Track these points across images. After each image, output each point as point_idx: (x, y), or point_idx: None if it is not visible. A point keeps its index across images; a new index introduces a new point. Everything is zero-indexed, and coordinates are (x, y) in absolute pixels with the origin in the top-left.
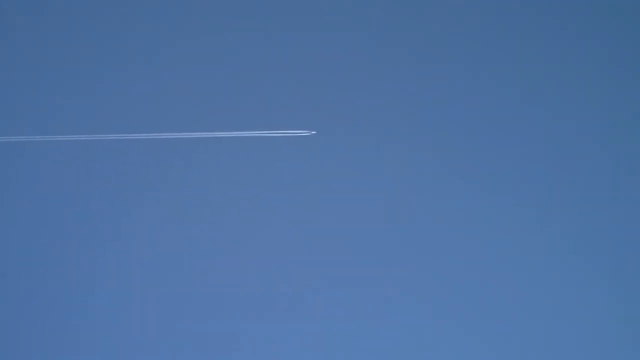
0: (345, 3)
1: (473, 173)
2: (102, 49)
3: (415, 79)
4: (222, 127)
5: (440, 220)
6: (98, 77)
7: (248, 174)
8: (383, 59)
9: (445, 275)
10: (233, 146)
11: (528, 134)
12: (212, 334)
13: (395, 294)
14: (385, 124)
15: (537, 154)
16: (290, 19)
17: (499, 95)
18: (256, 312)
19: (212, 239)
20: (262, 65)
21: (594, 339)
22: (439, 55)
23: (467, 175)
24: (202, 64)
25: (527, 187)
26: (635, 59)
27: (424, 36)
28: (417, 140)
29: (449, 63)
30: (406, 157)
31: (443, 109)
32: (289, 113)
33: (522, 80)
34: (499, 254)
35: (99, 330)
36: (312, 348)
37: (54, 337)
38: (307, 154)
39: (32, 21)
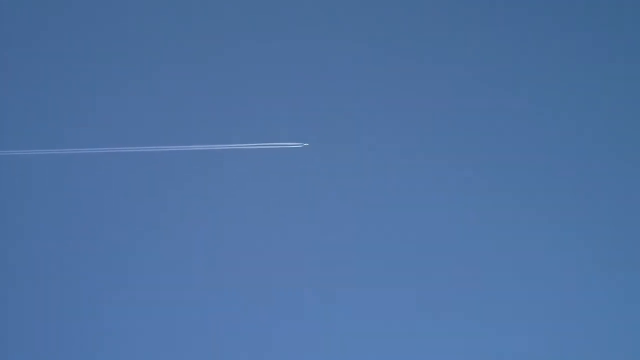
0: (337, 14)
1: (472, 178)
2: (100, 63)
3: (408, 89)
4: (214, 140)
5: (437, 227)
6: (97, 91)
7: (241, 186)
8: (375, 69)
9: (447, 279)
10: (226, 159)
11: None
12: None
13: (396, 298)
14: (377, 135)
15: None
16: (281, 32)
17: (489, 95)
18: (254, 318)
19: (208, 249)
20: (253, 78)
21: (594, 338)
22: (432, 63)
23: (465, 181)
24: (195, 78)
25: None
26: (635, 59)
27: (417, 45)
28: (410, 151)
29: (442, 70)
30: (399, 168)
31: (437, 117)
32: (281, 125)
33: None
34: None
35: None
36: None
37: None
38: (300, 165)
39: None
